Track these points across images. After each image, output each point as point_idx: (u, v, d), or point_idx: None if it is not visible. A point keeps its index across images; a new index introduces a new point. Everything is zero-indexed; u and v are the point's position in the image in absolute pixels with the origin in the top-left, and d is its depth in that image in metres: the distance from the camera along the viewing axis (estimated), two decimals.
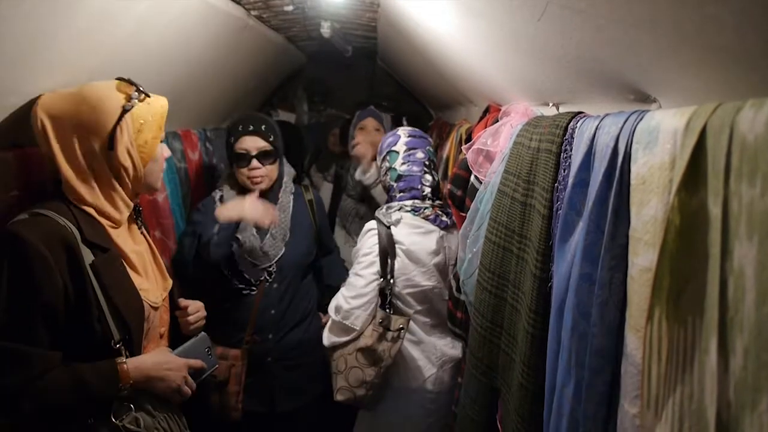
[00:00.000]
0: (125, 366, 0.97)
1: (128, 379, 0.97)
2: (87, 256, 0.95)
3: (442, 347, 1.58)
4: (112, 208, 1.03)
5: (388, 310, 1.52)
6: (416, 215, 1.56)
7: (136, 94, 1.02)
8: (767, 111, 0.43)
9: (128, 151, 1.01)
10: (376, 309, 1.53)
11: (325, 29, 2.27)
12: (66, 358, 0.94)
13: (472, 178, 1.40)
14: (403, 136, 1.66)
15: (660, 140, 0.58)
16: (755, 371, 0.44)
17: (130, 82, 1.03)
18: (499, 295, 1.10)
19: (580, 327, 0.72)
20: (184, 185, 2.02)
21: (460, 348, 1.59)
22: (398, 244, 1.53)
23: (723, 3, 0.47)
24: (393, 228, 1.53)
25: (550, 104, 1.22)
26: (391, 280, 1.52)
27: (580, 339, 0.72)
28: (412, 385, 1.57)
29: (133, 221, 1.14)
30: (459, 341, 1.58)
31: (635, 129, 0.64)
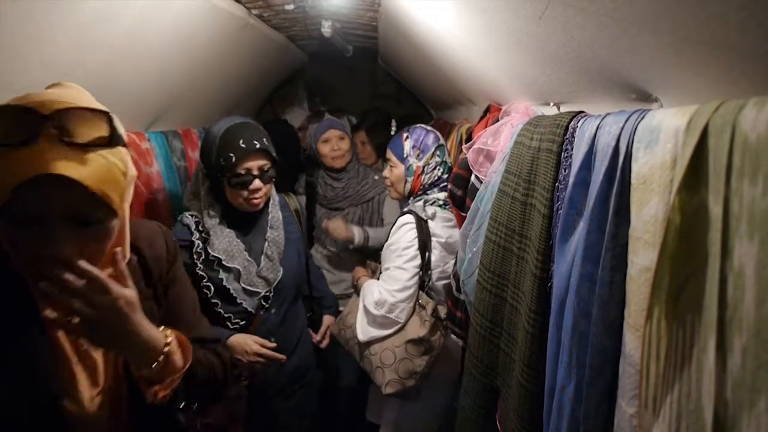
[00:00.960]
0: None
1: None
2: None
3: None
4: None
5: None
6: (445, 209, 1.64)
7: None
8: None
9: None
10: (416, 301, 1.58)
11: (326, 28, 2.27)
12: None
13: (473, 177, 1.40)
14: (432, 131, 1.74)
15: (661, 139, 0.58)
16: (753, 370, 0.44)
17: None
18: (499, 295, 1.09)
19: (581, 327, 0.72)
20: (184, 184, 2.02)
21: None
22: (436, 237, 1.60)
23: (726, 0, 0.46)
24: (430, 222, 1.60)
25: (551, 104, 1.22)
26: (429, 272, 1.58)
27: (581, 339, 0.72)
28: (447, 373, 1.64)
29: None
30: (459, 341, 1.60)
31: (636, 128, 0.63)
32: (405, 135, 1.75)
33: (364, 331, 1.60)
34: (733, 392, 0.47)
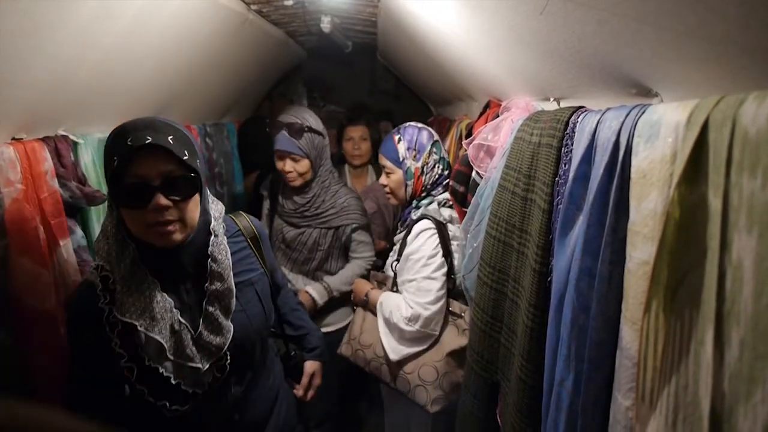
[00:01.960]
0: None
1: None
2: None
3: None
4: None
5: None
6: (453, 209, 1.56)
7: None
8: None
9: None
10: (447, 309, 1.48)
11: (325, 24, 2.27)
12: None
13: (474, 173, 1.40)
14: (424, 127, 1.64)
15: (662, 134, 0.58)
16: (750, 362, 0.44)
17: None
18: (499, 290, 1.10)
19: (580, 320, 0.72)
20: None
21: None
22: (456, 240, 1.51)
23: None
24: (449, 225, 1.52)
25: (551, 99, 1.22)
26: (453, 277, 1.48)
27: (580, 332, 0.72)
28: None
29: None
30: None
31: (637, 123, 0.64)
32: (397, 137, 1.61)
33: (394, 350, 1.47)
34: (729, 384, 0.47)
